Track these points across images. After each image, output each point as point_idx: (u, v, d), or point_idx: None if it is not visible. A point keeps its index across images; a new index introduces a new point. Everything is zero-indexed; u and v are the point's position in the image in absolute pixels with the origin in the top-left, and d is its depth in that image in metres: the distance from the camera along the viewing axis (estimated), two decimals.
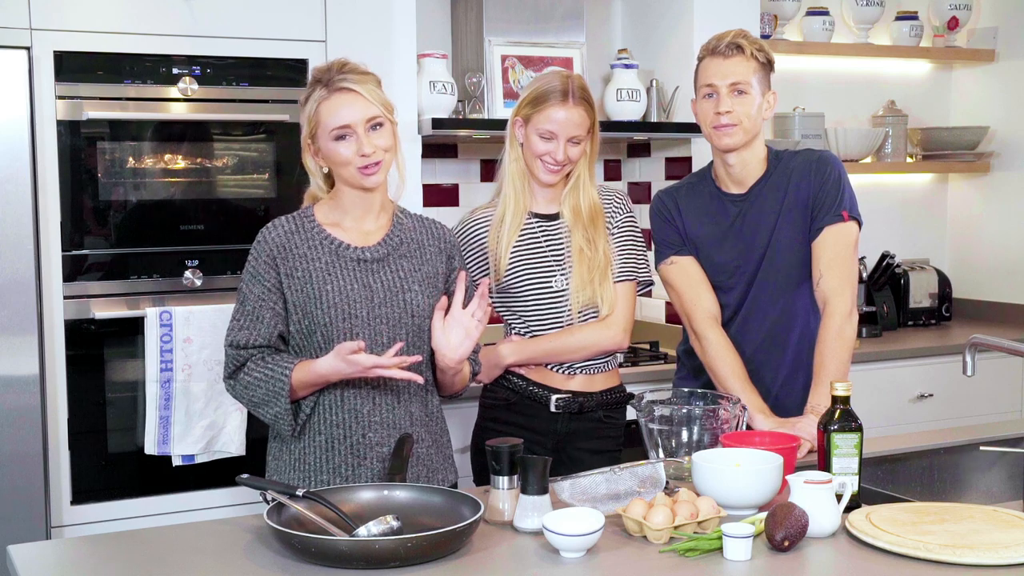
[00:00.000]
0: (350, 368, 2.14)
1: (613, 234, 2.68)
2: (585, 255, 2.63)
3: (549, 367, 2.68)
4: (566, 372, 2.68)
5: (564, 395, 2.67)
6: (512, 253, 2.66)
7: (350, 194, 2.29)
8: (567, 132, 2.59)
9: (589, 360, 2.68)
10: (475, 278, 2.67)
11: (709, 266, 2.70)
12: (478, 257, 2.70)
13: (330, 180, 2.34)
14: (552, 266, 2.65)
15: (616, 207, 2.71)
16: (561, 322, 2.66)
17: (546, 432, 2.67)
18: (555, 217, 2.68)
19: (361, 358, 2.12)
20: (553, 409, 2.66)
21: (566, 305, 2.64)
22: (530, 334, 2.68)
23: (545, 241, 2.67)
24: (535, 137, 2.61)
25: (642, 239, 2.75)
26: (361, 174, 2.23)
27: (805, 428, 2.39)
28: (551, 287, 2.65)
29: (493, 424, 2.71)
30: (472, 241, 2.71)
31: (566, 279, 2.64)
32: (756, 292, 2.66)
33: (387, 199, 2.36)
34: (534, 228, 2.68)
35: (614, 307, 2.65)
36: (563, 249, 2.66)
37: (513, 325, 2.71)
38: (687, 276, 2.70)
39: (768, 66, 2.61)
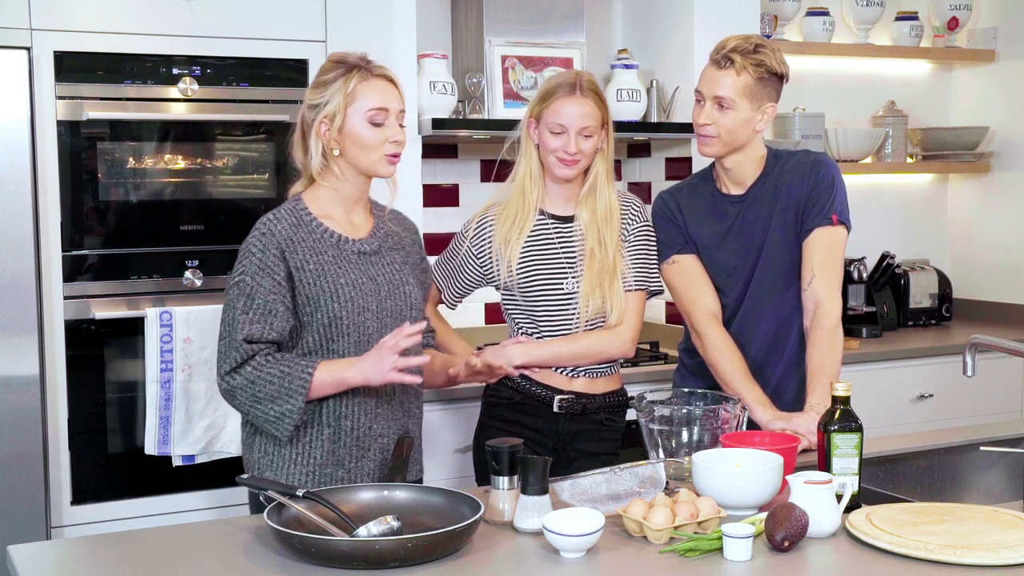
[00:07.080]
0: (378, 367, 2.17)
1: (629, 241, 2.68)
2: (596, 257, 2.62)
3: (554, 369, 2.68)
4: (569, 374, 2.68)
5: (567, 396, 2.67)
6: (524, 253, 2.65)
7: (350, 183, 2.32)
8: (577, 124, 2.58)
9: (593, 365, 2.69)
10: (487, 274, 2.72)
11: (709, 266, 2.70)
12: (489, 253, 2.70)
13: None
14: (564, 268, 2.65)
15: (634, 215, 2.70)
16: (570, 325, 2.66)
17: (547, 432, 2.68)
18: (570, 220, 2.68)
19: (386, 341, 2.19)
20: (556, 409, 2.67)
21: (576, 309, 2.64)
22: (538, 335, 2.68)
23: (559, 243, 2.67)
24: (547, 133, 2.61)
25: (656, 247, 2.74)
26: (387, 160, 2.29)
27: (803, 424, 2.39)
28: (562, 289, 2.65)
29: (495, 422, 2.71)
30: (486, 236, 2.70)
31: (577, 282, 2.64)
32: (753, 291, 2.67)
33: None
34: (549, 229, 2.67)
35: (623, 316, 2.65)
36: (576, 252, 2.65)
37: (521, 325, 2.71)
38: (687, 274, 2.70)
39: (769, 79, 2.60)
